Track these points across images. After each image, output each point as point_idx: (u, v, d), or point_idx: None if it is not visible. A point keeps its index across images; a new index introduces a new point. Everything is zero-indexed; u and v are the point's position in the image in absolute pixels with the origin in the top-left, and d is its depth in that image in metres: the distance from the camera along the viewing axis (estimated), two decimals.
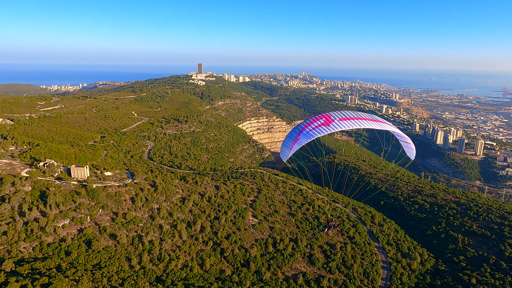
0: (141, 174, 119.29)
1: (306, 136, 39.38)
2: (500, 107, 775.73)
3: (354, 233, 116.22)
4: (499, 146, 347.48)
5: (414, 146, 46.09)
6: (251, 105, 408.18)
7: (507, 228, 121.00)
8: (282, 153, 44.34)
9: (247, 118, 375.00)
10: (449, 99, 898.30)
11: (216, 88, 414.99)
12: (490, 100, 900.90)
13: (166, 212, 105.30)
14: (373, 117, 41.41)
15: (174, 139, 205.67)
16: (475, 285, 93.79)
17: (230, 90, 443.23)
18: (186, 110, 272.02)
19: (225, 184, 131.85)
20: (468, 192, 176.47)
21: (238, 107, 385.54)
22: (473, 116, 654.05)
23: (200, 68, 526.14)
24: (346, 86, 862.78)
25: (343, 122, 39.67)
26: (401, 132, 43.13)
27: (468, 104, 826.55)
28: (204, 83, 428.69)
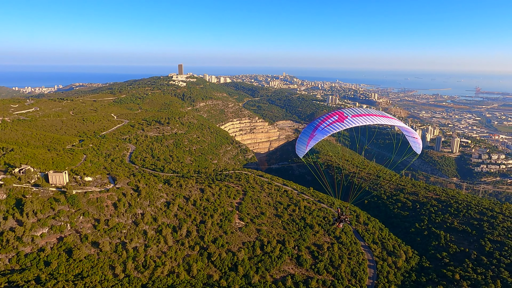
0: (123, 178, 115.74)
1: (322, 132, 40.34)
2: (473, 106, 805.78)
3: (340, 233, 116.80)
4: (474, 143, 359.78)
5: (421, 141, 47.10)
6: (233, 106, 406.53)
7: (486, 223, 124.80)
8: (298, 149, 44.65)
9: (229, 119, 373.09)
10: (425, 99, 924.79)
11: (197, 89, 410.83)
12: (464, 99, 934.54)
13: (151, 217, 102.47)
14: (382, 113, 43.24)
15: (156, 142, 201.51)
16: (459, 280, 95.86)
17: (211, 91, 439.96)
18: (168, 112, 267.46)
19: (210, 186, 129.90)
20: (448, 189, 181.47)
21: (220, 108, 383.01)
22: (448, 115, 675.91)
23: (181, 69, 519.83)
24: (326, 86, 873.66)
25: (356, 118, 40.62)
26: (409, 127, 45.12)
27: (443, 103, 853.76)
28: (185, 84, 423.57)
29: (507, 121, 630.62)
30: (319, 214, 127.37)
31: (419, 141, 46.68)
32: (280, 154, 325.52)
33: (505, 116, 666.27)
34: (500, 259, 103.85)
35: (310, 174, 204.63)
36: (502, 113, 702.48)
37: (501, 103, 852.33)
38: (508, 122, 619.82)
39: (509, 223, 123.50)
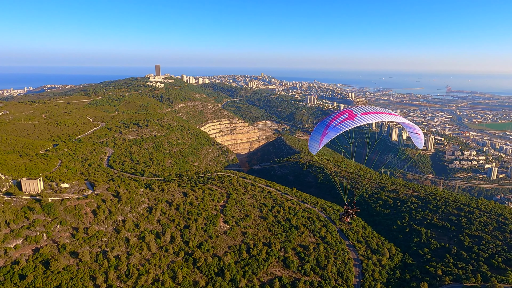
0: (102, 184, 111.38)
1: (334, 130, 40.88)
2: (445, 105, 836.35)
3: (325, 232, 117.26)
4: (447, 141, 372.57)
5: (423, 136, 48.04)
6: (213, 107, 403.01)
7: (464, 219, 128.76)
8: (311, 147, 45.42)
9: (209, 120, 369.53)
10: (399, 98, 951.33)
11: (175, 90, 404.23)
12: (436, 98, 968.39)
13: (132, 223, 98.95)
14: (387, 111, 44.18)
15: (134, 145, 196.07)
16: (441, 276, 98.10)
17: (190, 92, 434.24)
18: (146, 114, 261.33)
19: (193, 190, 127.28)
20: (426, 186, 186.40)
21: (199, 109, 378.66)
22: (422, 113, 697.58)
23: (158, 70, 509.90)
24: (304, 86, 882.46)
25: (366, 116, 41.44)
26: (412, 124, 45.88)
27: (417, 102, 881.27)
28: (162, 85, 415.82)
29: (476, 118, 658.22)
30: (303, 214, 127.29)
31: (421, 137, 47.71)
32: (261, 155, 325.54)
33: (474, 114, 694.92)
34: (479, 253, 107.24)
35: (292, 174, 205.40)
36: (471, 111, 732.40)
37: (470, 102, 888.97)
38: (477, 120, 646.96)
39: (485, 218, 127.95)
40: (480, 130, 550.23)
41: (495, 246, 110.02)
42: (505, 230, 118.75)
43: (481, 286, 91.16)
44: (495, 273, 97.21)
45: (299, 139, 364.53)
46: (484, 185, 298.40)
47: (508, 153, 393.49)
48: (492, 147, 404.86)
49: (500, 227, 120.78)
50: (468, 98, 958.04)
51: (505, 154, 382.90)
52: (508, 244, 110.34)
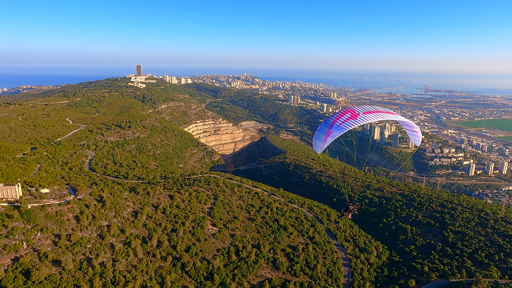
0: (85, 188, 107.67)
1: (339, 129, 41.88)
2: (424, 103, 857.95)
3: (313, 232, 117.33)
4: (427, 139, 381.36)
5: (421, 134, 49.68)
6: (196, 107, 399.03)
7: (447, 215, 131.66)
8: (316, 146, 45.93)
9: (192, 121, 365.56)
10: (380, 97, 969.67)
11: (158, 91, 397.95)
12: (415, 97, 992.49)
13: (117, 229, 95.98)
14: (387, 110, 45.42)
15: (117, 147, 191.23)
16: (428, 272, 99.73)
17: (172, 92, 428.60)
18: (128, 115, 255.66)
19: (179, 192, 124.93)
20: (409, 184, 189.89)
21: (183, 110, 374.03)
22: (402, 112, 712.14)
23: (139, 70, 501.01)
24: (287, 86, 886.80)
25: (367, 115, 42.44)
26: (411, 122, 47.56)
27: (397, 101, 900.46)
28: (144, 86, 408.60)
29: (454, 116, 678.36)
30: (291, 215, 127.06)
31: (419, 135, 49.23)
32: (246, 155, 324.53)
33: (452, 112, 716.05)
34: (463, 249, 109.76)
35: (278, 174, 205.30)
36: (449, 109, 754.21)
37: (447, 100, 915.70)
38: (455, 118, 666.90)
39: (468, 214, 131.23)
40: (457, 128, 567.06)
41: (478, 241, 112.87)
42: (486, 225, 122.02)
43: (466, 282, 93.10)
44: (479, 268, 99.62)
45: (283, 139, 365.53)
46: (463, 181, 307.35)
47: (484, 149, 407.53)
48: (470, 144, 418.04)
49: (481, 223, 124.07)
50: (446, 97, 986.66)
51: (482, 151, 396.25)
52: (490, 239, 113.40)
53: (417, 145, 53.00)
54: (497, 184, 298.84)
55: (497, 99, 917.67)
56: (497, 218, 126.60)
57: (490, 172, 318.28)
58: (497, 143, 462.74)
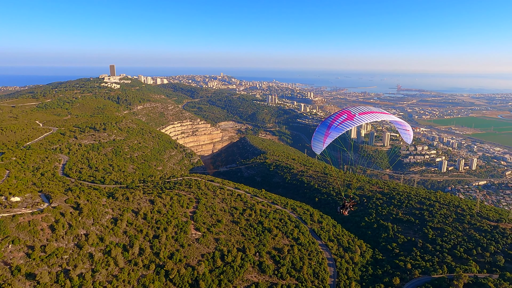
0: (59, 195, 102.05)
1: (336, 130, 42.78)
2: (396, 102, 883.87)
3: (298, 233, 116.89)
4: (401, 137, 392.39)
5: (412, 132, 51.17)
6: (173, 108, 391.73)
7: (426, 212, 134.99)
8: (315, 147, 46.84)
9: (170, 122, 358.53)
10: (355, 96, 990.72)
11: (133, 92, 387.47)
12: (388, 96, 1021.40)
13: (96, 237, 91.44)
14: (380, 110, 46.44)
15: (92, 150, 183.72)
16: (411, 269, 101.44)
17: (148, 93, 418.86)
18: (103, 117, 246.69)
19: (160, 197, 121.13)
20: (388, 182, 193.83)
21: (160, 111, 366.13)
22: None
23: (113, 70, 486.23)
24: (264, 86, 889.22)
25: (363, 116, 43.43)
26: (402, 121, 48.50)
27: (371, 100, 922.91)
28: (119, 86, 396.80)
29: (425, 115, 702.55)
30: (275, 216, 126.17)
31: (410, 133, 50.64)
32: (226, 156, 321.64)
33: (423, 111, 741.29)
34: (443, 245, 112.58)
35: (259, 175, 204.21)
36: (420, 108, 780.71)
37: (419, 99, 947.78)
38: (426, 116, 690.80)
39: (445, 210, 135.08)
40: (429, 126, 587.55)
41: (456, 237, 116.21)
42: (463, 221, 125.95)
43: (448, 277, 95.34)
44: (458, 263, 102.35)
45: (263, 139, 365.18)
46: (436, 178, 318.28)
47: (455, 146, 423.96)
48: (441, 142, 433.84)
49: (459, 219, 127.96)
50: (417, 96, 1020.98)
51: (452, 148, 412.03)
52: (468, 235, 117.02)
53: (409, 143, 54.96)
54: (468, 180, 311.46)
55: (464, 98, 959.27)
56: (472, 213, 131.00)
57: (461, 168, 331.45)
58: (465, 140, 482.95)
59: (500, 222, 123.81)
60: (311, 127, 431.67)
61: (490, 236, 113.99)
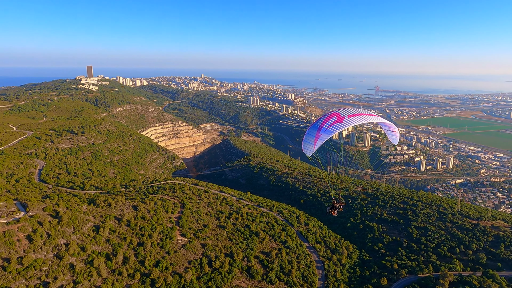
0: (37, 203, 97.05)
1: (327, 132, 43.20)
2: (375, 103, 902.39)
3: (285, 236, 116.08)
4: (381, 137, 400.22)
5: (398, 134, 51.90)
6: (154, 110, 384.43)
7: (410, 212, 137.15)
8: (306, 149, 47.16)
9: (150, 124, 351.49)
10: (335, 97, 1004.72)
11: (112, 93, 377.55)
12: (367, 97, 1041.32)
13: (77, 246, 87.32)
14: (368, 112, 46.98)
15: (70, 155, 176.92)
16: (398, 269, 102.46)
17: (128, 95, 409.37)
18: (81, 120, 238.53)
19: (143, 202, 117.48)
20: (372, 182, 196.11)
21: (140, 113, 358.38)
22: None
23: (90, 71, 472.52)
24: (246, 87, 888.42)
25: (352, 118, 43.77)
26: (390, 123, 49.32)
27: (351, 101, 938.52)
28: (97, 88, 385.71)
29: (403, 115, 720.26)
30: (262, 219, 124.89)
31: (396, 134, 51.44)
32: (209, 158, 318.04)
33: (401, 112, 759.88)
34: (427, 244, 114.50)
35: (244, 177, 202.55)
36: (398, 109, 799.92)
37: (396, 100, 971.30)
38: (404, 117, 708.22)
39: (428, 210, 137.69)
40: (407, 126, 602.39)
41: (440, 236, 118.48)
42: (445, 220, 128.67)
43: (433, 276, 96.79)
44: (443, 262, 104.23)
45: (246, 141, 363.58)
46: (415, 177, 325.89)
47: (432, 146, 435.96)
48: (419, 142, 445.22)
49: (441, 218, 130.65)
50: (394, 97, 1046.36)
51: (429, 147, 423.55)
52: (450, 233, 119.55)
53: (395, 143, 55.64)
54: (445, 178, 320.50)
55: (439, 99, 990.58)
56: (454, 212, 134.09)
57: (439, 167, 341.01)
58: (442, 139, 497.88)
59: (480, 220, 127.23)
60: (294, 128, 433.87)
61: (471, 234, 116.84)
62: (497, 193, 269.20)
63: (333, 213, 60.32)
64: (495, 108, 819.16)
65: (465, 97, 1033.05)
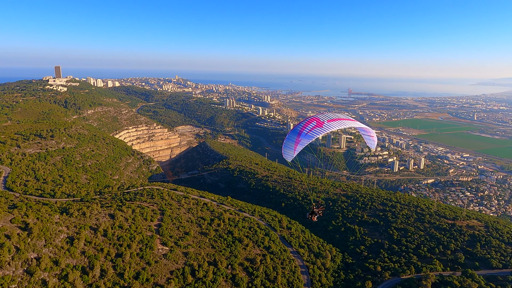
0: (3, 214, 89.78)
1: (307, 137, 43.49)
2: (349, 105, 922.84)
3: (269, 241, 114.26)
4: (356, 139, 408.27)
5: (376, 138, 52.64)
6: (127, 112, 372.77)
7: (389, 213, 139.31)
8: (286, 154, 47.23)
9: (124, 127, 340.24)
10: (309, 100, 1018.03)
11: (82, 95, 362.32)
12: (340, 99, 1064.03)
13: (50, 260, 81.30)
14: (347, 117, 47.92)
15: (38, 160, 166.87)
16: (381, 272, 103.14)
17: (99, 96, 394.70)
18: (49, 123, 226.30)
19: (120, 210, 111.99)
20: (351, 184, 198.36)
21: (112, 115, 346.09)
22: None
23: (58, 72, 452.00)
24: (221, 89, 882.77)
25: (331, 123, 44.22)
26: (368, 127, 49.98)
27: (325, 103, 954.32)
28: (66, 89, 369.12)
29: (375, 117, 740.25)
30: (244, 225, 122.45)
31: (374, 139, 51.99)
32: (185, 162, 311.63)
33: (373, 114, 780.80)
34: (408, 245, 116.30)
35: (223, 181, 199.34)
36: (370, 111, 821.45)
37: (368, 102, 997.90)
38: (376, 119, 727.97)
39: (406, 211, 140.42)
40: (379, 128, 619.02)
41: (419, 236, 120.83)
42: (423, 220, 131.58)
43: (416, 277, 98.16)
44: (424, 262, 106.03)
45: (223, 143, 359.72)
46: (389, 177, 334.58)
47: (403, 147, 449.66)
48: (391, 143, 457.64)
49: (419, 218, 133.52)
50: (367, 99, 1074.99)
51: (401, 148, 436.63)
52: (429, 234, 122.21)
53: (373, 148, 57.14)
54: (417, 178, 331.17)
55: (409, 101, 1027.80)
56: (431, 212, 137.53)
57: (411, 168, 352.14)
58: (412, 140, 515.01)
59: (456, 220, 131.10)
60: (270, 130, 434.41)
61: (449, 234, 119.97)
62: (466, 192, 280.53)
63: (313, 218, 60.06)
64: (460, 110, 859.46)
65: (432, 99, 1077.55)
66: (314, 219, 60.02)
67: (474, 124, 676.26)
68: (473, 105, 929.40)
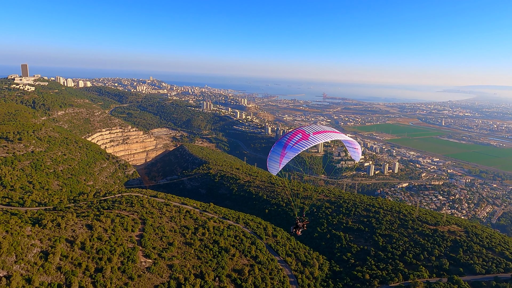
0: None
1: (292, 150, 43.09)
2: (324, 110, 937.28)
3: (255, 251, 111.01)
4: (333, 143, 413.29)
5: (360, 150, 51.81)
6: (100, 114, 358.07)
7: (373, 219, 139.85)
8: (271, 167, 46.59)
9: (97, 129, 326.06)
10: (285, 103, 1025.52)
11: (52, 95, 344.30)
12: (316, 104, 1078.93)
13: (21, 278, 73.96)
14: (332, 129, 47.46)
15: (5, 165, 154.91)
16: (369, 280, 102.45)
17: (70, 97, 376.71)
18: (16, 124, 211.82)
19: (98, 220, 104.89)
20: (334, 189, 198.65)
21: (85, 117, 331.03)
22: (306, 117, 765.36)
23: (25, 70, 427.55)
24: (197, 91, 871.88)
25: (317, 136, 43.65)
26: (353, 140, 49.56)
27: (300, 107, 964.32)
28: (33, 89, 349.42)
29: (349, 122, 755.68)
30: (229, 233, 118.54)
31: (359, 151, 51.69)
32: (162, 166, 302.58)
33: (348, 118, 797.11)
34: (393, 252, 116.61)
35: (204, 187, 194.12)
36: (345, 115, 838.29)
37: (343, 107, 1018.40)
38: (350, 123, 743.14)
39: (390, 217, 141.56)
40: (353, 132, 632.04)
41: (404, 243, 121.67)
42: (407, 226, 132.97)
43: (404, 285, 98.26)
44: (410, 269, 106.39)
45: (201, 147, 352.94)
46: (365, 181, 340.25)
47: (377, 151, 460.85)
48: (365, 147, 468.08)
49: (403, 224, 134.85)
50: (341, 104, 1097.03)
51: (376, 152, 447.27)
52: (413, 240, 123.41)
53: (357, 161, 57.62)
54: (392, 182, 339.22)
55: (381, 106, 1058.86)
56: (413, 218, 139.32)
57: (386, 172, 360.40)
58: (385, 145, 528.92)
59: (437, 226, 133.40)
60: (248, 134, 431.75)
61: (432, 240, 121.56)
62: (438, 195, 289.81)
63: (298, 232, 57.85)
64: (429, 116, 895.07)
65: (403, 105, 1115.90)
66: (298, 233, 57.67)
67: (442, 130, 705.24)
68: (440, 111, 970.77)
